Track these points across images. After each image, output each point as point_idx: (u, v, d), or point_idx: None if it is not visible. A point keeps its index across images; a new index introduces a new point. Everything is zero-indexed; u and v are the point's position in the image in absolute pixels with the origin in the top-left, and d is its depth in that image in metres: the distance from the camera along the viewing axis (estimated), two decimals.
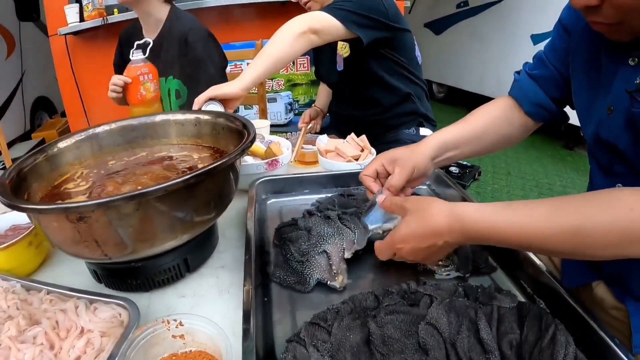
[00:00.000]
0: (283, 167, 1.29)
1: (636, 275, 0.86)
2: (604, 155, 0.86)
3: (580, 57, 0.92)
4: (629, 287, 0.87)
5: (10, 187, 0.81)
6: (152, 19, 1.90)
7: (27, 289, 0.86)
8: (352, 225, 0.88)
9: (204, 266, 0.94)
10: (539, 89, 1.06)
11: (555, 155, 4.59)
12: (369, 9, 1.59)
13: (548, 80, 1.05)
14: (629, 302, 0.89)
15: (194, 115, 1.13)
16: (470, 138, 1.09)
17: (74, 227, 0.68)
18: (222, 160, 0.75)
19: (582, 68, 0.91)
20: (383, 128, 1.94)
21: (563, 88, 1.03)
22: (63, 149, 1.06)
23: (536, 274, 0.79)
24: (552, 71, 1.04)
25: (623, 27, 0.72)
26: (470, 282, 0.80)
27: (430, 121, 2.01)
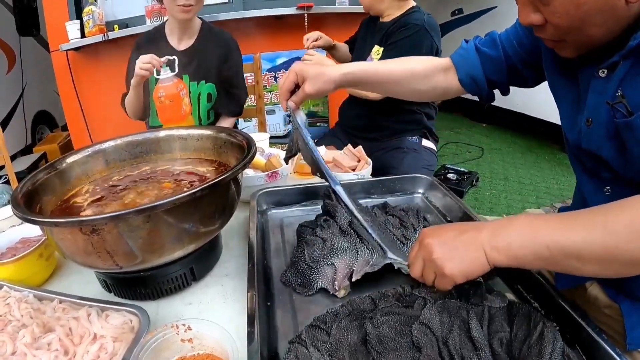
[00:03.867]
0: (283, 179, 1.33)
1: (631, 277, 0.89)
2: (589, 161, 0.89)
3: (556, 70, 0.95)
4: (623, 286, 0.90)
5: (23, 201, 0.86)
6: (189, 30, 2.04)
7: (39, 298, 0.89)
8: (370, 244, 0.88)
9: (209, 275, 0.98)
10: (480, 65, 1.10)
11: (553, 159, 4.61)
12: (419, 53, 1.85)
13: (492, 61, 1.09)
14: (622, 302, 0.92)
15: (196, 130, 1.18)
16: (381, 82, 1.13)
17: (87, 239, 0.72)
18: (226, 174, 0.79)
19: (558, 81, 0.95)
20: (389, 131, 2.02)
21: (501, 74, 1.09)
22: (71, 164, 1.10)
23: (529, 276, 0.83)
24: (499, 54, 1.08)
25: (567, 45, 0.78)
26: None
27: (433, 135, 2.14)
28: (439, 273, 0.73)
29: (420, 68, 1.14)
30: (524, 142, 5.24)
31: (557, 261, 0.67)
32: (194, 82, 2.01)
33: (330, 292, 0.82)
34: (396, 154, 2.00)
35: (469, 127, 6.13)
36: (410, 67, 1.14)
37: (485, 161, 4.71)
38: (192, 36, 2.05)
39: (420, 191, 1.25)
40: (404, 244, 0.89)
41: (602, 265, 0.65)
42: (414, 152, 2.02)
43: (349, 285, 0.83)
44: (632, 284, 0.89)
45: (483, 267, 0.70)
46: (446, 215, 1.11)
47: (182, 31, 2.02)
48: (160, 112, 1.66)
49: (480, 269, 0.71)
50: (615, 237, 0.63)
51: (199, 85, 2.02)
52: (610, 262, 0.65)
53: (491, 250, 0.70)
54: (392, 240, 0.90)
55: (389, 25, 1.93)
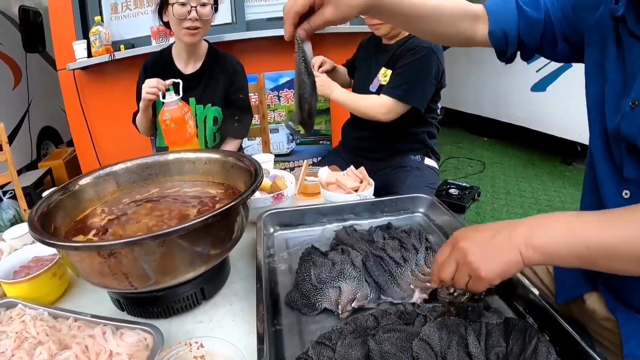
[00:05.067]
0: (288, 200, 1.36)
1: (631, 284, 0.90)
2: (619, 153, 0.87)
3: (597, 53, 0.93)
4: (623, 295, 0.92)
5: (39, 223, 0.90)
6: (196, 53, 2.07)
7: (54, 316, 0.92)
8: (372, 281, 0.92)
9: (218, 294, 1.01)
10: (517, 21, 1.03)
11: (554, 172, 4.63)
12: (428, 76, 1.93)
13: (530, 22, 1.02)
14: (619, 313, 0.93)
15: (204, 154, 1.22)
16: (405, 14, 0.99)
17: (104, 262, 0.77)
18: (236, 201, 0.84)
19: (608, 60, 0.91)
20: (392, 151, 2.08)
21: (534, 37, 1.03)
22: (84, 186, 1.14)
23: (526, 293, 0.86)
24: (539, 18, 1.02)
25: None
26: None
27: (435, 154, 2.20)
28: (474, 276, 0.73)
29: (448, 7, 1.03)
30: (525, 156, 5.26)
31: (594, 260, 0.68)
32: (200, 105, 2.05)
33: (334, 312, 0.86)
34: (399, 172, 2.04)
35: (470, 141, 6.16)
36: (438, 3, 1.02)
37: (487, 175, 4.73)
38: (198, 60, 2.09)
39: (422, 210, 1.28)
40: (402, 267, 0.93)
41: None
42: (416, 170, 2.06)
43: (352, 309, 0.86)
44: (631, 293, 0.90)
45: (518, 266, 0.71)
46: (447, 234, 1.14)
47: (189, 55, 2.07)
48: (165, 134, 1.71)
49: (516, 269, 0.71)
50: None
51: (205, 109, 2.06)
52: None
53: (526, 249, 0.70)
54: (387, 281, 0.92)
55: (395, 47, 1.98)
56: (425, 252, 0.97)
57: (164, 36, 3.14)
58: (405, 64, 1.91)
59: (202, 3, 1.87)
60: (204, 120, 2.07)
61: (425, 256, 0.96)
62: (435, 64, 1.91)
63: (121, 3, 3.35)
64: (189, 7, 1.85)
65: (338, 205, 1.27)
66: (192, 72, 2.07)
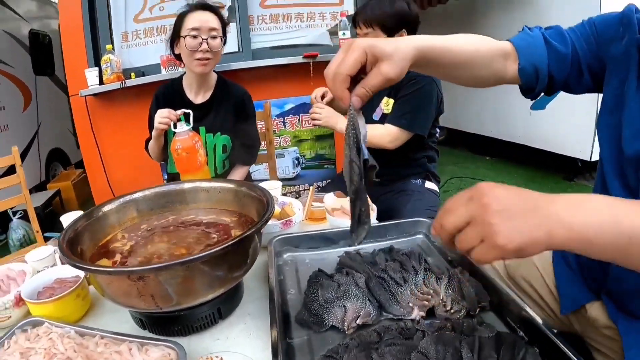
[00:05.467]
0: (296, 226, 1.44)
1: (633, 292, 0.94)
2: (633, 178, 0.89)
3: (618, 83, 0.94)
4: (624, 303, 0.96)
5: (68, 248, 0.98)
6: (206, 84, 2.17)
7: (80, 334, 0.98)
8: (373, 299, 0.99)
9: (233, 314, 1.08)
10: (546, 57, 1.01)
11: (556, 188, 4.68)
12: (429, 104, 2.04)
13: (558, 56, 1.01)
14: (620, 321, 0.97)
15: (218, 183, 1.32)
16: (448, 63, 0.96)
17: (133, 284, 0.85)
18: (252, 230, 0.92)
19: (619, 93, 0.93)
20: (394, 176, 2.17)
21: (561, 72, 1.01)
22: (106, 212, 1.23)
23: (517, 309, 0.90)
24: (567, 51, 1.00)
25: None
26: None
27: (435, 177, 2.28)
28: (489, 241, 0.63)
29: (485, 49, 1.00)
30: (527, 174, 5.35)
31: (631, 254, 0.61)
32: (210, 134, 2.13)
33: (341, 329, 0.92)
34: (401, 196, 2.13)
35: (473, 161, 6.24)
36: (476, 47, 1.00)
37: None
38: (208, 90, 2.18)
39: (422, 232, 1.35)
40: (402, 286, 1.00)
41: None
42: (417, 194, 2.14)
43: (356, 326, 0.93)
44: (633, 302, 0.95)
45: (541, 246, 0.63)
46: (447, 255, 1.20)
47: (199, 85, 2.16)
48: (177, 163, 1.79)
49: (537, 249, 0.63)
50: None
51: (215, 137, 2.14)
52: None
53: (561, 228, 0.61)
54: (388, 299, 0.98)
55: None
56: (424, 273, 1.03)
57: (173, 65, 3.24)
58: (408, 94, 2.00)
59: (212, 35, 1.98)
60: (214, 148, 2.15)
61: (424, 277, 1.02)
62: (435, 92, 2.01)
63: (131, 32, 3.47)
64: (200, 39, 1.95)
65: (343, 230, 1.33)
66: (202, 102, 2.16)
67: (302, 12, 3.64)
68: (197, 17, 1.98)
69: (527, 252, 0.63)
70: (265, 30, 3.61)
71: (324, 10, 3.68)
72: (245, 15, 3.51)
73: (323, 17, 3.69)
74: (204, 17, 1.99)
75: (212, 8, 2.06)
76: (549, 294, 1.22)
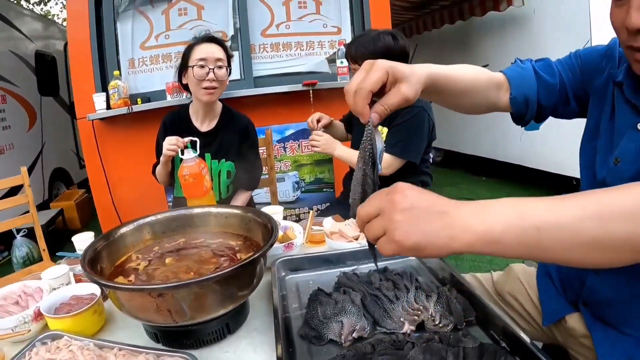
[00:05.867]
0: (297, 248, 1.52)
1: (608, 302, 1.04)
2: None
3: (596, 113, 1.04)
4: (600, 313, 1.04)
5: (90, 267, 1.08)
6: (212, 113, 2.28)
7: (99, 347, 1.04)
8: (368, 315, 1.08)
9: (240, 329, 1.17)
10: (535, 85, 1.09)
11: None
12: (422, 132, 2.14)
13: (547, 87, 1.09)
14: (595, 331, 1.07)
15: (225, 209, 1.42)
16: (453, 90, 1.01)
17: (153, 300, 0.95)
18: (260, 252, 1.03)
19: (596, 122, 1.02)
20: None
21: (550, 101, 1.10)
22: (123, 234, 1.33)
23: (500, 322, 0.98)
24: (555, 82, 1.09)
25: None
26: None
27: None
28: (389, 234, 0.67)
29: (482, 79, 1.07)
30: (522, 193, 5.42)
31: (544, 246, 0.63)
32: (215, 160, 2.24)
33: (338, 342, 1.01)
34: None
35: (469, 181, 6.34)
36: (475, 76, 1.06)
37: None
38: (214, 119, 2.29)
39: None
40: (395, 303, 1.09)
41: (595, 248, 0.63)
42: None
43: (352, 339, 1.01)
44: (607, 311, 1.04)
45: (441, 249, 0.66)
46: (437, 275, 1.29)
47: (205, 114, 2.27)
48: (184, 188, 1.88)
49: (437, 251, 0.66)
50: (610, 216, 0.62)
51: (220, 163, 2.25)
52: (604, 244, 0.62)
53: (465, 232, 0.65)
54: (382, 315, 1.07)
55: None
56: (415, 291, 1.12)
57: (178, 91, 3.33)
58: (400, 122, 2.10)
59: (218, 65, 2.10)
60: (219, 174, 2.26)
61: (415, 294, 1.11)
62: (426, 120, 2.11)
63: (138, 59, 3.57)
64: (207, 69, 2.07)
65: (341, 252, 1.42)
66: (208, 129, 2.26)
67: (302, 41, 3.79)
68: (204, 48, 2.11)
69: (426, 252, 0.66)
70: (266, 58, 3.74)
71: (323, 39, 3.83)
72: (247, 44, 3.65)
73: (322, 46, 3.83)
74: (211, 48, 2.12)
75: (218, 40, 2.19)
76: (533, 308, 1.32)
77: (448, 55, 6.98)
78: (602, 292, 1.05)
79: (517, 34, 5.52)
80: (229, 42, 3.64)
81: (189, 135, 2.00)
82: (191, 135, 2.00)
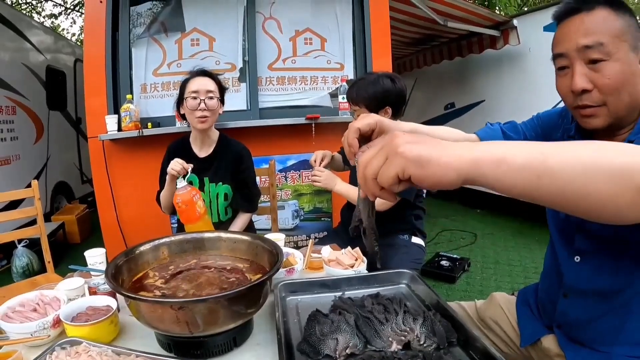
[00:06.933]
0: (298, 273, 1.66)
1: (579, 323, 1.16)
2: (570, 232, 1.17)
3: None
4: (572, 334, 1.17)
5: (114, 280, 1.22)
6: (209, 139, 2.48)
7: (116, 353, 1.12)
8: (360, 334, 1.19)
9: (245, 343, 1.28)
10: None
11: (543, 240, 4.84)
12: None
13: None
14: (568, 351, 1.20)
15: (234, 235, 1.57)
16: None
17: (174, 312, 1.08)
18: (267, 275, 1.18)
19: None
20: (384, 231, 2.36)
21: None
22: (142, 251, 1.47)
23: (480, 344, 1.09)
24: (519, 138, 1.24)
25: (604, 111, 1.05)
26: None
27: (421, 232, 2.48)
28: (391, 156, 0.69)
29: (461, 138, 1.22)
30: (515, 225, 5.58)
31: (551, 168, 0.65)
32: (213, 184, 2.43)
33: (333, 357, 1.12)
34: (389, 250, 2.33)
35: (463, 214, 6.44)
36: (453, 136, 1.21)
37: (478, 246, 4.98)
38: (211, 145, 2.49)
39: (405, 282, 1.53)
40: (384, 324, 1.21)
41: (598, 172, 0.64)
42: (404, 248, 2.36)
43: (346, 355, 1.13)
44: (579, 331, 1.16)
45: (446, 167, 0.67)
46: (425, 301, 1.39)
47: (202, 141, 2.47)
48: (180, 214, 2.07)
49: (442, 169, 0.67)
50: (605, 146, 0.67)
51: (217, 186, 2.43)
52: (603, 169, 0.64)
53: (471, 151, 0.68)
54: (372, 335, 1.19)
55: None
56: (403, 315, 1.24)
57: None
58: None
59: (209, 96, 2.32)
60: (217, 197, 2.43)
61: (403, 317, 1.23)
62: None
63: (150, 84, 3.72)
64: (199, 100, 2.28)
65: (337, 278, 1.54)
66: (205, 155, 2.47)
67: (306, 75, 3.97)
68: (197, 82, 2.34)
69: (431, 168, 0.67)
70: (272, 90, 3.91)
71: (327, 74, 4.01)
72: (254, 76, 3.82)
73: (325, 81, 4.01)
74: (203, 81, 2.34)
75: (210, 74, 2.41)
76: (512, 331, 1.46)
77: (446, 89, 7.20)
78: (573, 314, 1.18)
79: (513, 71, 5.76)
80: (238, 73, 3.83)
81: (189, 160, 2.18)
82: (191, 161, 2.19)
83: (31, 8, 14.73)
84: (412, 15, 5.30)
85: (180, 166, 2.11)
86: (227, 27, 3.85)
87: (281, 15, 3.96)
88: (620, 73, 1.03)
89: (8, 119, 5.30)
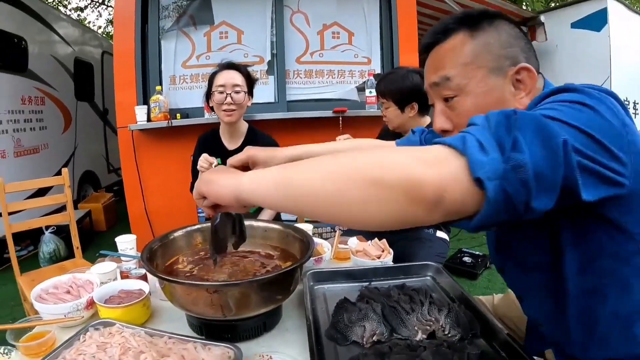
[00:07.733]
0: (325, 262, 1.70)
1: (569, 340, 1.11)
2: None
3: None
4: (566, 350, 1.14)
5: (150, 263, 1.26)
6: (237, 132, 2.51)
7: (150, 334, 1.16)
8: (387, 323, 1.22)
9: (275, 328, 1.32)
10: None
11: None
12: None
13: None
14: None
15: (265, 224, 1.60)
16: None
17: (209, 296, 1.12)
18: (300, 262, 1.22)
19: None
20: None
21: None
22: (176, 237, 1.52)
23: (501, 336, 1.13)
24: None
25: None
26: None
27: (446, 227, 2.48)
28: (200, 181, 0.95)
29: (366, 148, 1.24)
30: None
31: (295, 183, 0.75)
32: None
33: (360, 343, 1.16)
34: (414, 243, 2.34)
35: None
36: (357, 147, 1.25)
37: None
38: (239, 137, 2.53)
39: (430, 274, 1.56)
40: (410, 314, 1.24)
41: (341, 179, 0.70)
42: (429, 242, 2.36)
43: (372, 342, 1.16)
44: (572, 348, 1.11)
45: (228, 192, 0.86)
46: (449, 293, 1.42)
47: (231, 133, 2.51)
48: None
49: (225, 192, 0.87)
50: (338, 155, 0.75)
51: None
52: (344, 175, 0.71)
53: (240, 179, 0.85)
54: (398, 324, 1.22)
55: None
56: (429, 306, 1.27)
57: None
58: None
59: (236, 90, 2.34)
60: None
61: (428, 308, 1.26)
62: None
63: (179, 76, 3.79)
64: (225, 94, 2.32)
65: (364, 268, 1.57)
66: (235, 147, 2.49)
67: (334, 69, 4.01)
68: (224, 75, 2.38)
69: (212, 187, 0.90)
70: (300, 84, 3.96)
71: (354, 68, 4.03)
72: (282, 69, 3.87)
73: (352, 75, 4.04)
74: (229, 75, 2.38)
75: (237, 67, 2.44)
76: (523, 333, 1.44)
77: None
78: (556, 337, 1.15)
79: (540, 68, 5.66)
80: (266, 66, 3.88)
81: (219, 152, 2.24)
82: (221, 153, 2.25)
83: (57, 1, 14.96)
84: (439, 10, 5.28)
85: (208, 163, 2.15)
86: (255, 20, 3.89)
87: (309, 9, 3.99)
88: (473, 107, 0.96)
89: (37, 109, 5.44)
